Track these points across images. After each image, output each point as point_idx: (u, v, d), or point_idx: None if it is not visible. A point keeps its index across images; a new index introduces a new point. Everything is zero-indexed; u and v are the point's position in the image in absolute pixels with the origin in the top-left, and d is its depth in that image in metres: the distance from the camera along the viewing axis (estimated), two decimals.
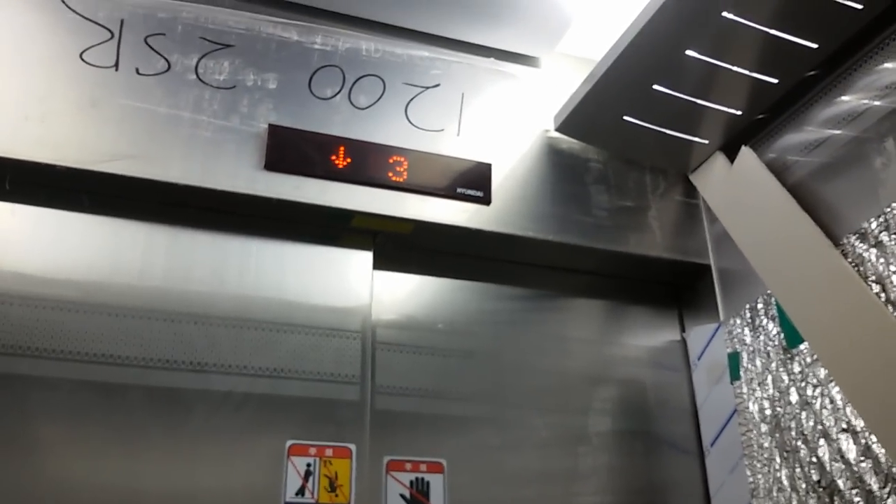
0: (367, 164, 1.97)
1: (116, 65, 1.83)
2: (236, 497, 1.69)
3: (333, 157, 1.93)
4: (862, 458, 1.60)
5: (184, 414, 1.72)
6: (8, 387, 1.64)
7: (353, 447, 1.80)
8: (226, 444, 1.73)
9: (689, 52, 1.87)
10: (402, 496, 1.83)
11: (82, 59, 1.81)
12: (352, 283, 2.00)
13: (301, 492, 1.71)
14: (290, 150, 1.90)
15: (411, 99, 2.09)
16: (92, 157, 1.74)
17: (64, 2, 1.84)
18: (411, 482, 1.85)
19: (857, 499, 1.60)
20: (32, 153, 1.70)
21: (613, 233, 2.18)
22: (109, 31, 1.85)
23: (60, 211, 1.81)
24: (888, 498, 1.52)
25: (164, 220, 1.88)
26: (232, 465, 1.71)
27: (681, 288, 2.37)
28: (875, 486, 1.56)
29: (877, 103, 1.77)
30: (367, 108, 2.04)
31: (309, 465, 1.74)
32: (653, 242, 2.22)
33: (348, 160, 1.95)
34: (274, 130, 1.91)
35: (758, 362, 1.95)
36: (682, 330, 2.33)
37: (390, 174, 1.98)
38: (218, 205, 1.89)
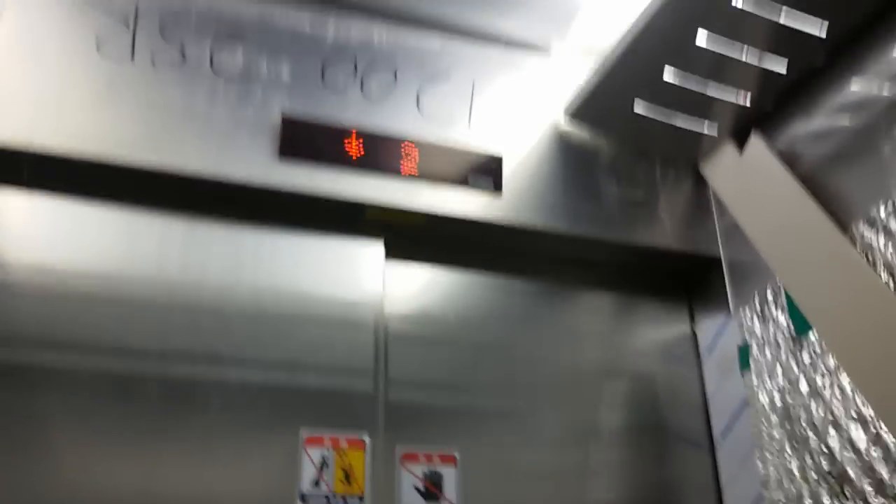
0: (380, 155, 1.97)
1: (132, 56, 1.84)
2: (253, 487, 1.70)
3: (347, 147, 1.94)
4: (872, 447, 1.61)
5: (200, 404, 1.73)
6: (25, 378, 1.65)
7: (367, 438, 1.81)
8: (242, 434, 1.74)
9: (699, 40, 1.88)
10: (417, 488, 1.84)
11: (98, 51, 1.82)
12: (364, 274, 2.01)
13: (317, 482, 1.73)
14: (303, 141, 1.91)
15: (423, 89, 2.10)
16: (108, 148, 1.75)
17: None
18: (425, 474, 1.86)
19: (868, 487, 1.61)
20: (50, 144, 1.71)
21: (623, 224, 2.19)
22: (124, 22, 1.86)
23: (78, 202, 1.82)
24: None
25: (180, 211, 1.89)
26: (248, 455, 1.73)
27: (691, 279, 2.37)
28: (885, 475, 1.58)
29: (885, 93, 1.78)
30: (378, 97, 2.04)
31: (324, 455, 1.76)
32: (663, 234, 2.22)
33: (361, 150, 1.95)
34: (287, 121, 1.92)
35: (767, 353, 1.96)
36: (693, 322, 2.34)
37: (402, 165, 1.98)
38: (233, 195, 1.90)
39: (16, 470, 1.57)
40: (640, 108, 2.09)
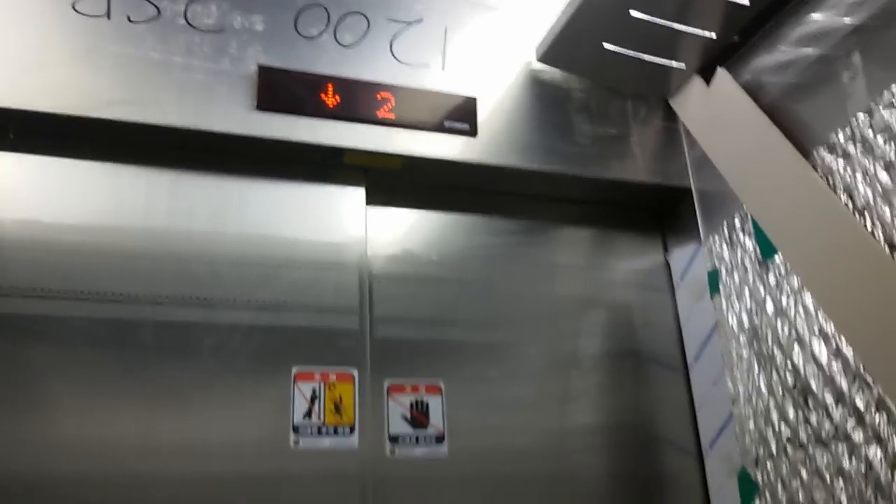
0: (356, 102, 2.02)
1: (108, 13, 1.87)
2: (248, 424, 1.78)
3: (323, 96, 1.99)
4: (833, 360, 1.70)
5: (194, 346, 1.81)
6: (19, 329, 1.72)
7: (355, 372, 1.89)
8: (235, 374, 1.82)
9: None
10: (404, 416, 1.94)
11: (74, 9, 1.85)
12: (346, 219, 2.07)
13: (308, 414, 1.81)
14: (280, 91, 1.96)
15: (396, 35, 2.14)
16: (90, 104, 1.79)
17: None
18: (412, 403, 1.96)
19: (829, 399, 1.71)
20: (33, 102, 1.75)
21: (597, 160, 2.24)
22: None
23: (64, 159, 1.87)
24: (856, 395, 1.63)
25: (164, 164, 1.94)
26: (242, 394, 1.81)
27: (663, 212, 2.45)
28: (845, 386, 1.67)
29: (844, 19, 1.83)
30: (352, 45, 2.09)
31: (314, 389, 1.84)
32: (635, 168, 2.29)
33: (337, 98, 2.00)
34: (264, 71, 1.96)
35: (736, 277, 2.04)
36: (666, 251, 2.42)
37: (379, 111, 2.03)
38: (214, 146, 1.95)
39: (11, 420, 1.63)
40: (609, 47, 2.14)
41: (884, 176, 1.63)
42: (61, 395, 1.69)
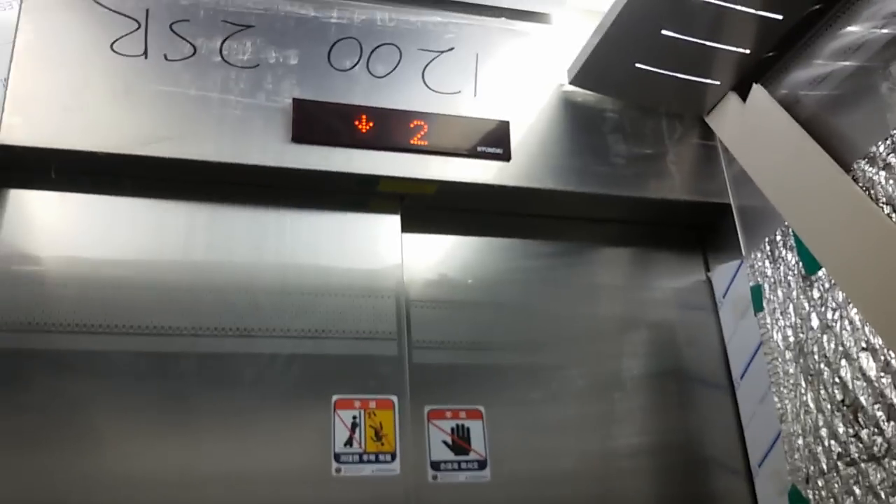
0: (390, 131, 2.04)
1: (145, 53, 1.93)
2: (290, 453, 1.79)
3: (357, 125, 2.01)
4: (882, 374, 1.66)
5: (234, 376, 1.83)
6: (65, 364, 1.75)
7: (395, 399, 1.89)
8: (275, 401, 1.83)
9: None
10: (445, 442, 1.93)
11: (113, 50, 1.91)
12: (382, 247, 2.09)
13: (349, 442, 1.82)
14: (315, 122, 1.99)
15: (427, 64, 2.16)
16: (129, 142, 1.84)
17: None
18: (452, 429, 1.95)
19: (879, 413, 1.66)
20: (74, 142, 1.80)
21: (633, 180, 2.22)
22: (136, 21, 1.95)
23: (104, 196, 1.92)
24: None
25: (202, 198, 1.99)
26: (283, 421, 1.82)
27: (703, 229, 2.42)
28: (895, 400, 1.62)
29: (881, 31, 1.80)
30: (385, 76, 2.11)
31: (355, 417, 1.85)
32: (673, 186, 2.26)
33: (371, 127, 2.03)
34: (298, 104, 1.99)
35: (779, 292, 2.01)
36: (707, 269, 2.39)
37: (412, 139, 2.05)
38: (251, 179, 1.98)
39: (55, 454, 1.66)
40: (641, 67, 2.13)
41: None
42: (104, 429, 1.72)
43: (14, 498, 1.61)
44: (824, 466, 1.80)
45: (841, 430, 1.77)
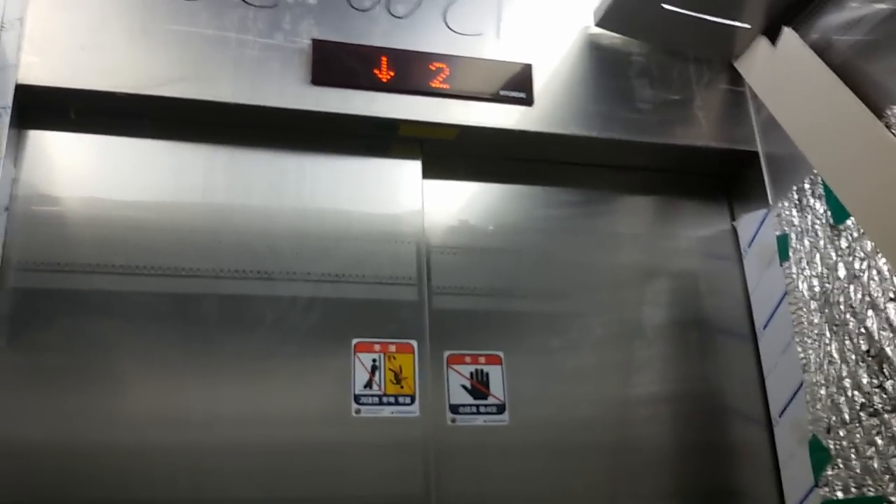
0: (410, 74, 2.01)
1: None
2: (310, 391, 1.81)
3: (376, 69, 1.98)
4: None
5: (255, 318, 1.83)
6: (86, 304, 1.76)
7: (414, 343, 1.90)
8: (296, 343, 1.84)
9: None
10: (464, 386, 1.93)
11: None
12: (403, 192, 2.07)
13: (369, 384, 1.82)
14: (334, 64, 1.96)
15: (449, 4, 2.12)
16: (147, 82, 1.83)
17: None
18: (471, 374, 1.95)
19: None
20: (91, 82, 1.79)
21: (659, 126, 2.19)
22: None
23: (123, 137, 1.91)
24: None
25: (221, 140, 1.97)
26: (303, 363, 1.83)
27: (729, 177, 2.37)
28: None
29: None
30: (405, 16, 2.07)
31: (374, 360, 1.85)
32: (700, 133, 2.22)
33: (391, 71, 1.99)
34: (318, 45, 1.96)
35: (806, 242, 1.97)
36: (732, 218, 2.35)
37: (433, 82, 2.02)
38: (270, 121, 1.97)
39: (77, 394, 1.68)
40: (669, 9, 2.07)
41: None
42: (125, 368, 1.73)
43: (35, 437, 1.64)
44: (846, 417, 1.79)
45: (865, 380, 1.74)
